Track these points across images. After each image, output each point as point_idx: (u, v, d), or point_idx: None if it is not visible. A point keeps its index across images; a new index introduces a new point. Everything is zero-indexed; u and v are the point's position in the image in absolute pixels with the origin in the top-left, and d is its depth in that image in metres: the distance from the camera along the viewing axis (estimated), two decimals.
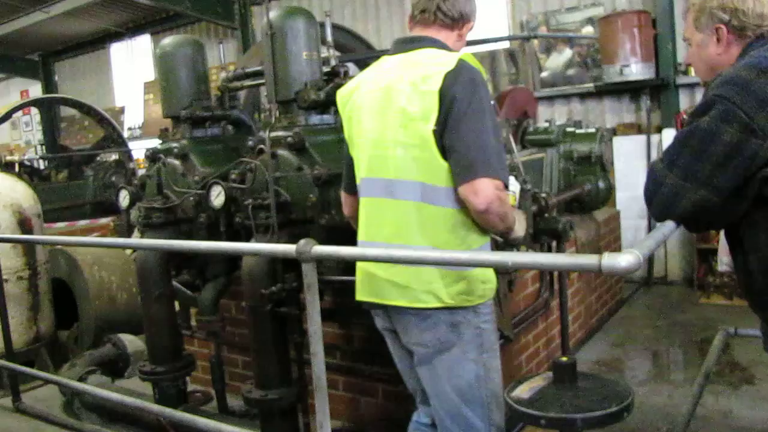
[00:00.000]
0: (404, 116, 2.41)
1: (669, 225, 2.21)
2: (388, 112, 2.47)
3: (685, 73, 7.23)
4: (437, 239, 2.40)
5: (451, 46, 2.56)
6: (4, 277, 4.99)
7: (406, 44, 2.59)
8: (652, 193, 2.24)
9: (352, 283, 2.71)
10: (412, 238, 2.42)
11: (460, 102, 2.30)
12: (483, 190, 2.26)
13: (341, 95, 2.75)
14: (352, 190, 2.74)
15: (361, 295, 2.64)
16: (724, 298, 6.51)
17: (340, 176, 3.47)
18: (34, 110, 14.36)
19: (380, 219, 2.51)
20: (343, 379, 4.31)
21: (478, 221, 2.38)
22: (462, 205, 2.36)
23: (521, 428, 3.92)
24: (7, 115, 10.00)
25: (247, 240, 3.68)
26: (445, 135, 2.33)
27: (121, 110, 13.32)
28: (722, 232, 2.55)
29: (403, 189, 2.43)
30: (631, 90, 7.51)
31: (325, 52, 3.94)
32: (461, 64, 2.36)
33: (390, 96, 2.48)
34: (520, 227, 2.50)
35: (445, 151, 2.35)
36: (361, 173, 2.60)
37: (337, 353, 4.29)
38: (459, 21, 2.57)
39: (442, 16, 2.53)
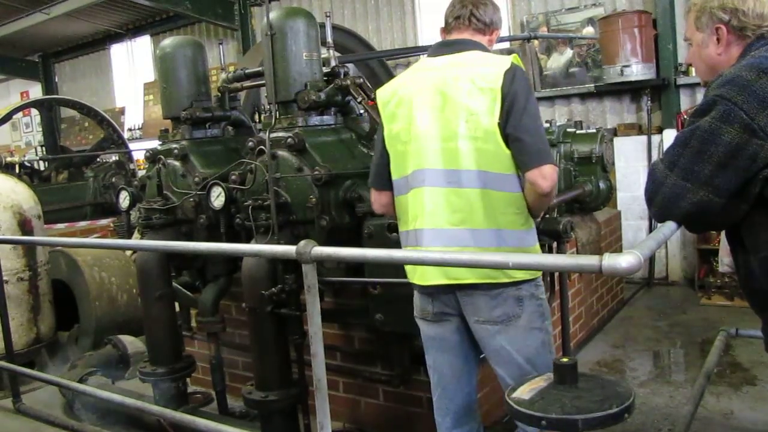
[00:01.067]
0: (466, 111, 2.58)
1: (670, 226, 2.21)
2: (447, 108, 2.62)
3: (686, 73, 7.22)
4: (503, 221, 2.60)
5: None
6: (5, 278, 4.99)
7: (449, 47, 2.78)
8: (653, 193, 2.23)
9: (353, 284, 2.71)
10: (479, 222, 2.59)
11: (520, 98, 2.54)
12: (550, 175, 2.53)
13: (382, 94, 2.87)
14: (385, 187, 2.88)
15: (430, 279, 2.70)
16: (725, 298, 6.50)
17: (340, 177, 3.50)
18: (34, 111, 14.33)
19: (444, 207, 2.62)
20: (344, 381, 4.30)
21: (536, 203, 2.65)
22: (521, 189, 2.61)
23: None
24: (8, 117, 10.01)
25: (248, 241, 3.68)
26: (508, 127, 2.54)
27: (121, 111, 13.32)
28: (723, 233, 2.54)
29: (468, 178, 2.59)
30: (631, 90, 7.52)
31: (325, 53, 3.93)
32: (515, 65, 2.60)
33: (446, 94, 2.63)
34: None
35: (507, 141, 2.55)
36: (411, 167, 2.71)
37: (338, 354, 4.28)
38: (489, 27, 2.81)
39: (476, 22, 2.77)
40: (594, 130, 5.72)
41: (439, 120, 2.63)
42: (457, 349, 2.83)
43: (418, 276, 2.74)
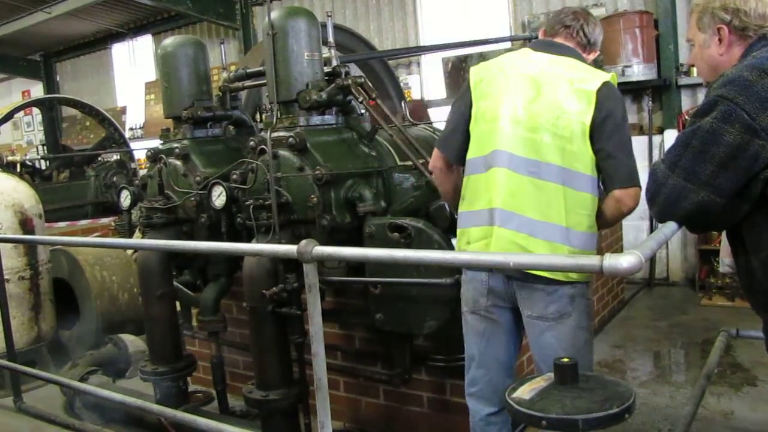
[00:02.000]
0: (559, 109, 2.64)
1: (671, 226, 2.21)
2: (539, 101, 2.68)
3: (687, 73, 7.22)
4: (574, 220, 2.65)
5: None
6: (6, 277, 4.99)
7: (553, 47, 2.85)
8: (654, 193, 2.24)
9: (354, 284, 2.71)
10: (552, 216, 2.64)
11: (617, 114, 2.62)
12: (637, 197, 2.64)
13: (476, 71, 2.89)
14: (459, 161, 2.90)
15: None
16: (725, 299, 6.50)
17: (341, 176, 3.50)
18: (35, 110, 14.33)
19: (524, 195, 2.67)
20: (344, 380, 4.30)
21: (614, 219, 2.76)
22: (597, 194, 2.69)
23: (522, 429, 3.91)
24: (9, 116, 10.01)
25: (249, 240, 3.68)
26: (602, 139, 2.61)
27: (123, 110, 13.33)
28: (724, 233, 2.54)
29: (548, 171, 2.65)
30: (632, 91, 7.51)
31: (326, 53, 3.93)
32: (613, 81, 2.69)
33: (540, 87, 2.70)
34: None
35: (598, 154, 2.63)
36: (492, 146, 2.73)
37: (338, 354, 4.28)
38: (591, 46, 2.93)
39: (582, 36, 2.88)
40: None
41: (529, 110, 2.69)
42: (506, 342, 2.90)
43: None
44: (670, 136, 7.09)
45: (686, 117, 6.99)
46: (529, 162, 2.66)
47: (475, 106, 2.83)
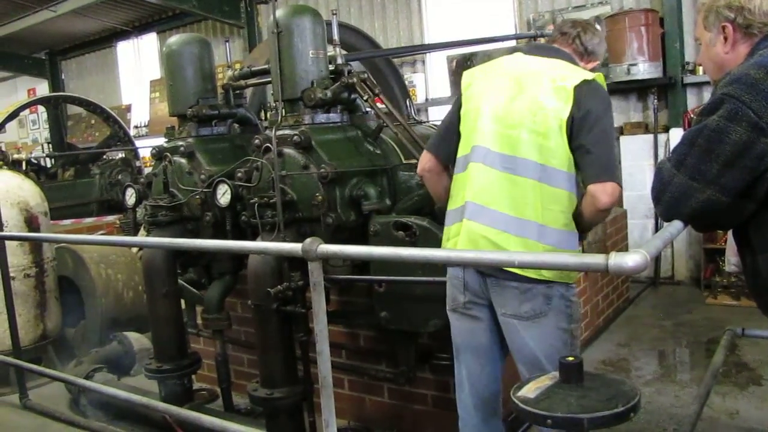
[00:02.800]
0: (537, 106, 2.64)
1: (676, 225, 2.20)
2: (519, 98, 2.70)
3: (693, 72, 7.20)
4: (549, 217, 2.62)
5: None
6: (12, 274, 5.01)
7: (543, 50, 2.90)
8: (660, 192, 2.23)
9: (358, 282, 2.71)
10: (527, 212, 2.63)
11: (596, 111, 2.60)
12: (612, 193, 2.57)
13: (467, 75, 2.94)
14: (434, 151, 2.95)
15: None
16: (731, 298, 6.48)
17: (346, 174, 3.50)
18: (40, 108, 14.35)
19: (498, 190, 2.67)
20: (349, 378, 4.31)
21: (591, 216, 2.67)
22: (575, 191, 2.66)
23: (527, 428, 3.91)
24: (14, 114, 10.02)
25: (253, 238, 3.68)
26: (580, 136, 2.59)
27: (128, 108, 13.34)
28: (730, 232, 2.54)
29: (525, 167, 2.64)
30: (638, 89, 7.50)
31: (331, 51, 3.93)
32: (598, 81, 2.68)
33: (522, 85, 2.71)
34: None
35: (575, 150, 2.61)
36: (472, 143, 2.76)
37: (343, 352, 4.28)
38: (589, 55, 2.92)
39: (578, 44, 2.88)
40: None
41: (508, 108, 2.70)
42: (484, 343, 2.86)
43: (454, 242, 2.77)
44: (676, 135, 7.08)
45: (692, 115, 6.97)
46: (505, 158, 2.67)
47: (464, 107, 2.86)
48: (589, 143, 2.58)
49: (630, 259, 1.78)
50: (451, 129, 2.90)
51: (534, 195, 2.62)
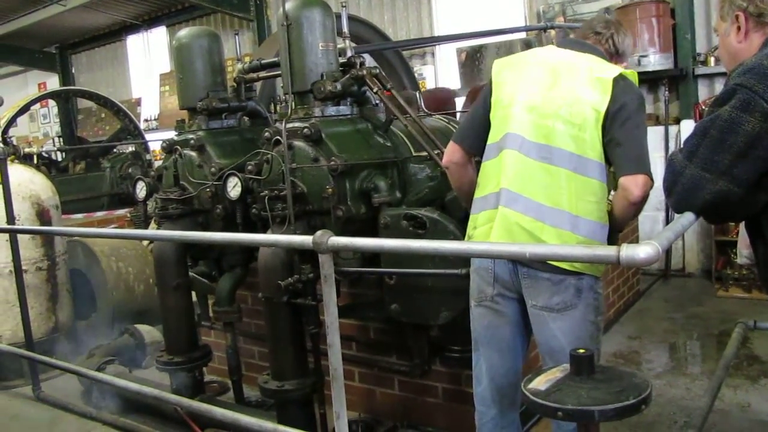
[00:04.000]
0: (574, 98, 2.65)
1: (688, 216, 2.19)
2: (556, 89, 2.70)
3: (704, 63, 7.15)
4: (583, 208, 2.63)
5: None
6: (24, 267, 5.04)
7: (579, 45, 2.89)
8: (672, 184, 2.22)
9: (369, 274, 2.71)
10: (561, 202, 2.63)
11: (631, 105, 2.61)
12: (644, 185, 2.59)
13: (498, 63, 2.93)
14: (461, 142, 2.94)
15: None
16: (742, 290, 6.45)
17: (356, 167, 3.50)
18: (51, 102, 14.44)
19: (534, 179, 2.67)
20: (359, 371, 4.32)
21: (623, 210, 2.67)
22: (606, 181, 2.67)
23: (537, 420, 3.91)
24: (26, 108, 10.08)
25: (264, 231, 3.69)
26: (613, 129, 2.60)
27: (138, 102, 13.38)
28: (742, 224, 2.52)
29: (560, 157, 2.64)
30: (649, 80, 7.44)
31: (341, 43, 3.93)
32: (632, 78, 2.70)
33: (558, 75, 2.73)
34: None
35: (608, 143, 2.62)
36: (505, 130, 2.76)
37: (353, 344, 4.29)
38: (620, 57, 2.93)
39: (611, 45, 2.90)
40: None
41: (544, 97, 2.70)
42: (508, 336, 2.86)
43: (486, 232, 2.75)
44: (687, 127, 7.03)
45: (703, 107, 6.93)
46: (541, 147, 2.67)
47: (494, 95, 2.85)
48: (621, 136, 2.59)
49: (642, 251, 1.77)
50: (479, 119, 2.89)
51: (568, 185, 2.63)
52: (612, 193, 2.76)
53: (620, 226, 2.80)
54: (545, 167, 2.65)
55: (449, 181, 3.16)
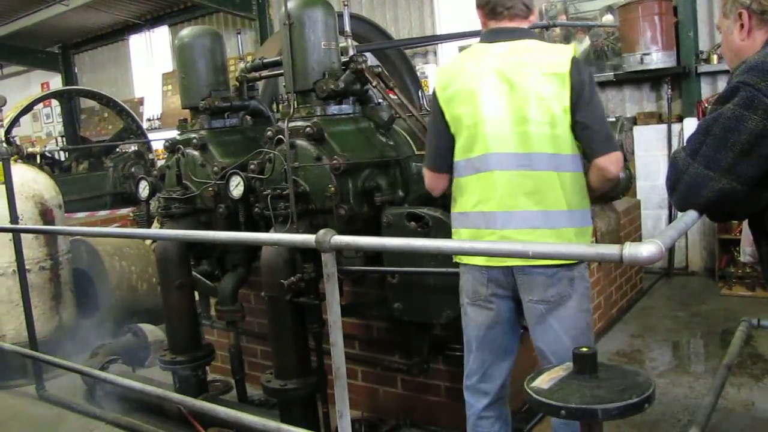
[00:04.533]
0: (536, 98, 2.65)
1: (691, 215, 2.18)
2: (515, 94, 2.68)
3: (707, 61, 7.13)
4: (573, 201, 2.70)
5: None
6: (27, 267, 5.06)
7: (507, 34, 2.80)
8: (675, 182, 2.21)
9: (372, 273, 2.71)
10: (551, 203, 2.67)
11: (588, 87, 2.65)
12: (619, 161, 2.69)
13: (441, 77, 2.90)
14: (444, 170, 2.91)
15: (494, 261, 2.75)
16: (746, 289, 6.44)
17: (359, 166, 3.50)
18: (54, 102, 14.45)
19: (517, 190, 2.69)
20: (362, 370, 4.32)
21: (602, 187, 2.77)
22: (582, 169, 2.72)
23: (540, 419, 3.91)
24: (29, 107, 10.09)
25: (266, 230, 3.69)
26: (578, 114, 2.64)
27: (140, 101, 13.38)
28: (745, 222, 2.51)
29: (539, 161, 2.67)
30: (651, 79, 7.43)
31: (343, 42, 3.93)
32: (577, 57, 2.68)
33: (512, 80, 2.69)
34: None
35: (575, 128, 2.66)
36: (479, 150, 2.74)
37: (356, 343, 4.29)
38: (530, 10, 2.86)
39: (523, 8, 2.82)
40: (613, 119, 5.68)
41: (508, 105, 2.69)
42: (503, 333, 2.88)
43: (483, 258, 2.76)
44: (690, 125, 7.02)
45: (706, 105, 6.91)
46: (519, 156, 2.68)
47: (447, 112, 2.82)
48: (587, 119, 2.64)
49: (645, 250, 1.77)
50: (442, 142, 2.87)
51: (553, 185, 2.66)
52: None
53: (598, 200, 2.90)
54: (526, 174, 2.67)
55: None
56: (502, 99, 2.69)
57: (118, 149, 10.78)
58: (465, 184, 2.81)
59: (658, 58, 6.99)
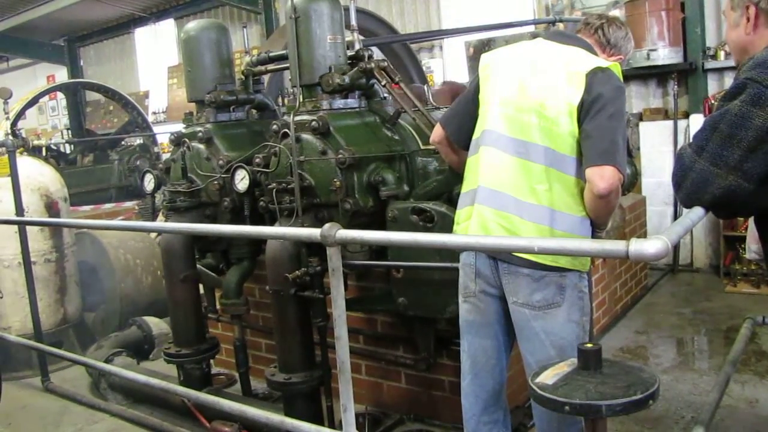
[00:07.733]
0: (549, 90, 2.63)
1: (697, 211, 2.17)
2: (532, 82, 2.69)
3: (714, 57, 7.11)
4: (560, 202, 2.61)
5: None
6: (32, 259, 5.07)
7: (564, 37, 2.87)
8: (681, 178, 2.20)
9: (377, 267, 2.71)
10: (539, 197, 2.61)
11: (605, 97, 2.54)
12: (609, 177, 2.46)
13: (485, 58, 2.93)
14: (455, 138, 2.96)
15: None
16: (751, 286, 6.42)
17: (364, 160, 3.49)
18: (60, 95, 14.47)
19: (511, 174, 2.66)
20: (366, 364, 4.32)
21: (591, 204, 2.59)
22: (582, 177, 2.57)
23: None
24: (34, 100, 10.09)
25: (271, 224, 3.69)
26: (584, 121, 2.56)
27: (146, 95, 13.39)
28: (751, 219, 2.51)
29: (536, 152, 2.63)
30: (658, 74, 7.41)
31: (349, 36, 3.92)
32: (612, 69, 2.63)
33: (536, 69, 2.71)
34: (610, 223, 2.83)
35: (581, 135, 2.58)
36: (484, 127, 2.77)
37: (361, 338, 4.30)
38: (611, 48, 2.90)
39: (600, 35, 2.88)
40: None
41: (520, 91, 2.70)
42: (492, 334, 2.83)
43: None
44: (696, 121, 6.99)
45: (712, 101, 6.88)
46: (518, 142, 2.66)
47: (481, 92, 2.85)
48: (591, 128, 2.54)
49: (651, 246, 1.76)
50: (463, 108, 2.93)
51: (545, 180, 2.60)
52: None
53: (598, 223, 2.71)
54: (522, 162, 2.64)
55: (457, 175, 3.16)
56: (519, 84, 2.71)
57: (123, 142, 10.80)
58: (471, 163, 2.82)
59: (664, 54, 6.98)
